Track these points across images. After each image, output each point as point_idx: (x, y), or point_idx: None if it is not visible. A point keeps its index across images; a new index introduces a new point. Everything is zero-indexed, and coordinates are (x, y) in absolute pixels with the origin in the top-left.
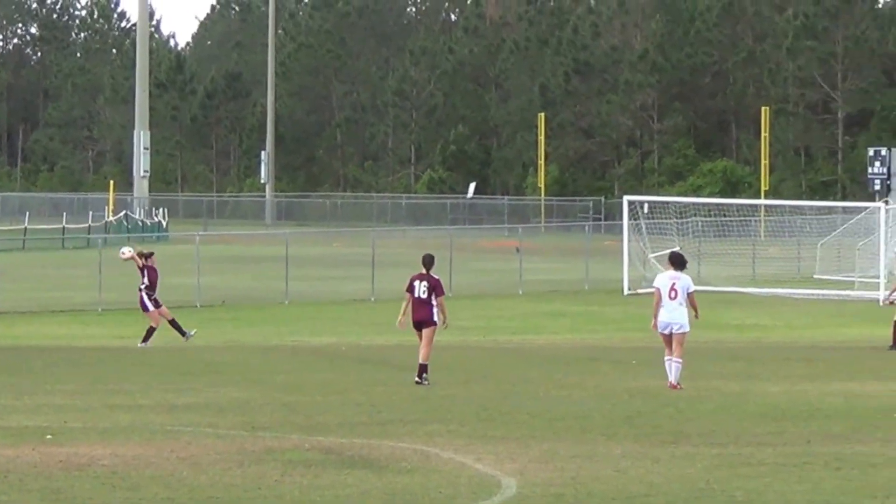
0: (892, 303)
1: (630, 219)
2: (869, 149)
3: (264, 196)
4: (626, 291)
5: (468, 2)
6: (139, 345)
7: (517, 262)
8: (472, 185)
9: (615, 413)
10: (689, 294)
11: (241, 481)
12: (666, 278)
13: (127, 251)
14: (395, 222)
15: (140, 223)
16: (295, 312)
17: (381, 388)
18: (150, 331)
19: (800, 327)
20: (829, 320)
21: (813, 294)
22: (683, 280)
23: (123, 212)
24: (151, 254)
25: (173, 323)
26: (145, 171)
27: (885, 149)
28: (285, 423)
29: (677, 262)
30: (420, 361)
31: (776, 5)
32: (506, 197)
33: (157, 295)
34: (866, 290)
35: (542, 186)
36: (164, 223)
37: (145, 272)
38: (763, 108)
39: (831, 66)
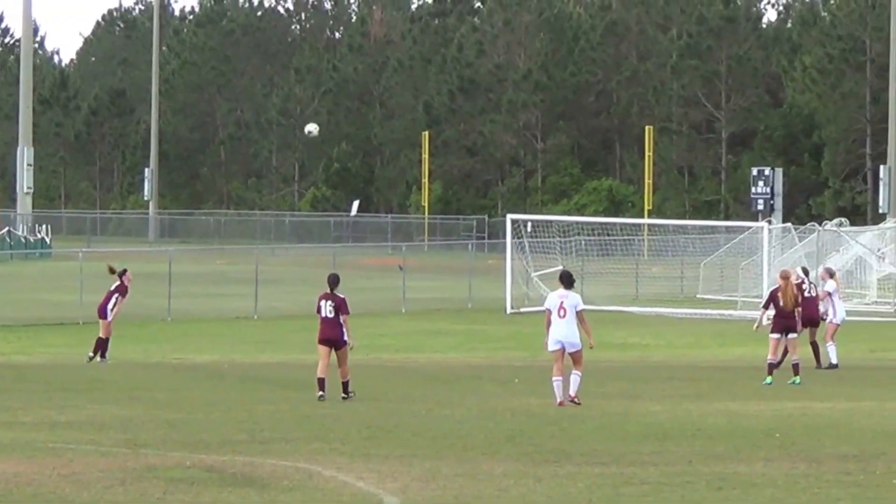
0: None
1: (513, 237)
2: (752, 168)
3: (148, 213)
4: (508, 310)
5: (353, 20)
6: (99, 360)
7: (400, 280)
8: (356, 203)
9: (497, 432)
10: (578, 312)
11: (123, 499)
12: (555, 297)
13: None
14: (279, 240)
15: (23, 240)
16: (177, 329)
17: (264, 405)
18: (101, 342)
19: (682, 347)
20: (711, 340)
21: (696, 313)
22: (572, 298)
23: (6, 228)
24: (125, 270)
25: (102, 342)
26: (29, 188)
27: (769, 168)
28: (167, 441)
29: (566, 280)
30: (341, 379)
31: (660, 25)
32: (389, 215)
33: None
34: (749, 310)
35: (426, 204)
36: (47, 240)
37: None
38: (647, 128)
39: (715, 86)
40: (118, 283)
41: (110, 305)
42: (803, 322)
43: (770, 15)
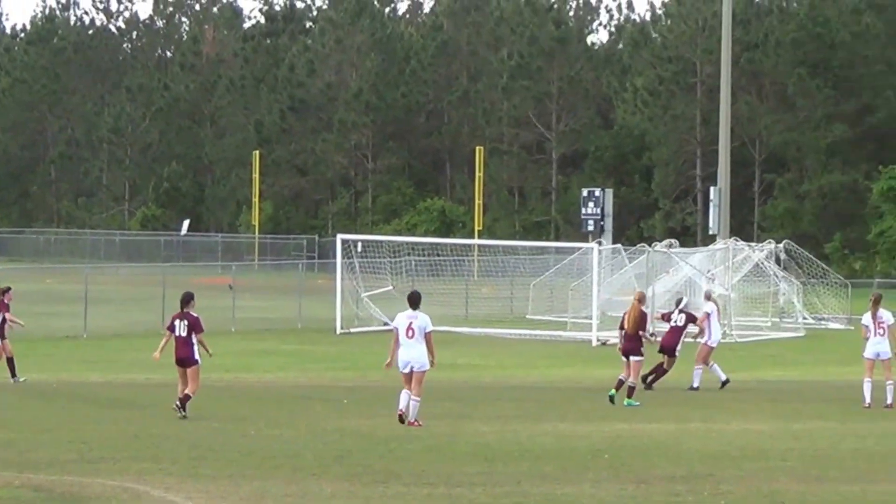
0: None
1: (343, 257)
2: (582, 189)
3: None
4: (338, 330)
5: (184, 39)
6: (12, 380)
7: (230, 300)
8: (186, 222)
9: (326, 452)
10: (426, 333)
11: None
12: (404, 317)
13: None
14: (109, 259)
15: None
16: None
17: (92, 425)
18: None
19: (512, 367)
20: (541, 360)
21: (525, 334)
22: (421, 319)
23: None
24: (9, 288)
25: (10, 362)
26: None
27: (599, 189)
28: None
29: (414, 301)
30: (186, 392)
31: (491, 45)
32: (220, 234)
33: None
34: (578, 331)
35: (256, 224)
36: None
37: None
38: (477, 148)
39: (546, 107)
40: None
41: None
42: (660, 349)
43: (601, 36)
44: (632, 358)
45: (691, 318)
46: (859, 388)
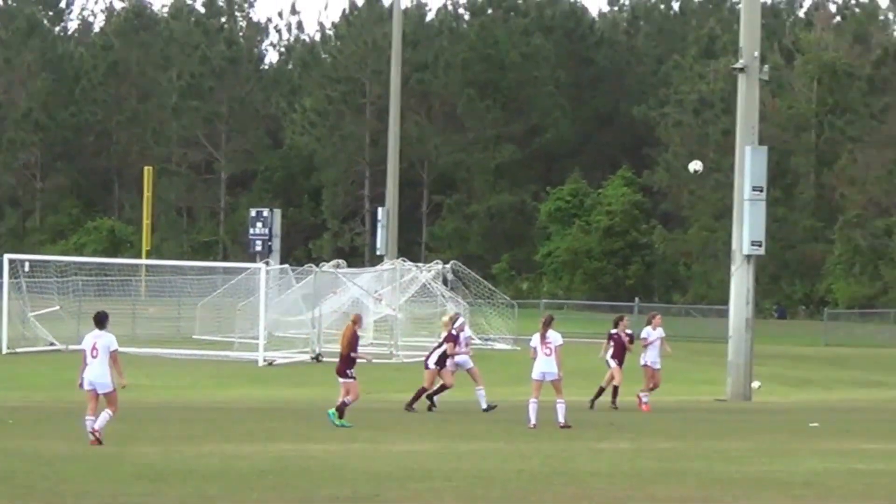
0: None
1: (11, 277)
2: (251, 209)
3: None
4: (4, 350)
5: None
6: None
7: None
8: None
9: None
10: (112, 352)
11: None
12: (90, 337)
13: None
14: None
15: None
16: None
17: None
18: None
19: (178, 388)
20: (208, 381)
21: (193, 354)
22: (105, 338)
23: None
24: None
25: None
26: None
27: (267, 210)
28: None
29: (100, 321)
30: None
31: (161, 65)
32: None
33: None
34: (245, 351)
35: None
36: None
37: None
38: (146, 168)
39: (216, 127)
40: None
41: None
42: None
43: (272, 56)
44: (340, 379)
45: (448, 337)
46: (526, 408)
